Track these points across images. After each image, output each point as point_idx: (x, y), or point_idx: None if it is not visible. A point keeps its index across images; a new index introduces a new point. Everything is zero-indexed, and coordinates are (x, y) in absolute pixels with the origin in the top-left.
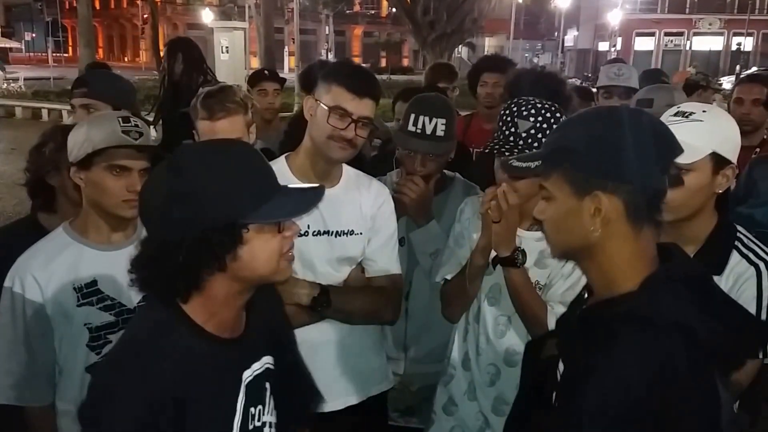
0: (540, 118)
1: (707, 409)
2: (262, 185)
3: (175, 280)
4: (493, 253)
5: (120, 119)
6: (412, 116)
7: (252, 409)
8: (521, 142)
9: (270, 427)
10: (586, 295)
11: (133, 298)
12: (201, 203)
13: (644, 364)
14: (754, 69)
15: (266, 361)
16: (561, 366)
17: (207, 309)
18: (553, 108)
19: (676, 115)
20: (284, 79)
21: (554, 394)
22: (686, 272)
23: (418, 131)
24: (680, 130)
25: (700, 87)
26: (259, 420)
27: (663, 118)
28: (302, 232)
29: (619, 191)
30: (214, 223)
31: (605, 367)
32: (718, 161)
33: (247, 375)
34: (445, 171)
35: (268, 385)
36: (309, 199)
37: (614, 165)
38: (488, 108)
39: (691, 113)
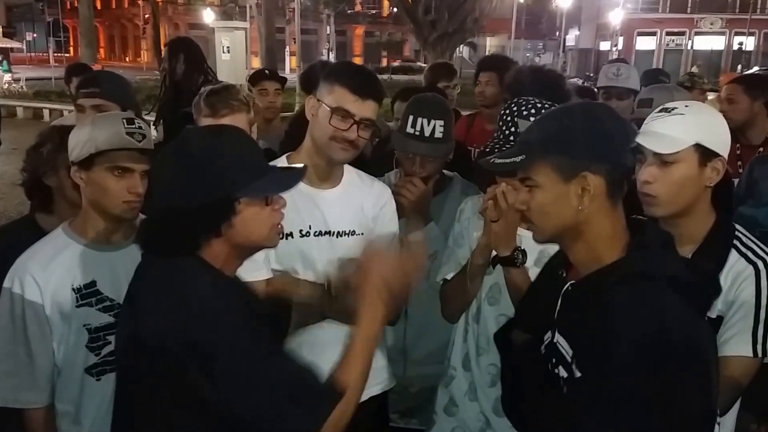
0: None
1: (703, 348)
2: (254, 165)
3: (176, 242)
4: (494, 253)
5: (125, 120)
6: (411, 118)
7: None
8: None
9: None
10: (564, 274)
11: None
12: (202, 179)
13: (656, 315)
14: (755, 68)
15: None
16: (563, 342)
17: (217, 263)
18: (552, 108)
19: (660, 111)
20: (285, 79)
21: (562, 368)
22: (656, 233)
23: (417, 133)
24: (662, 124)
25: (685, 88)
26: None
27: (649, 116)
28: (304, 233)
29: (601, 171)
30: (212, 196)
31: (626, 325)
32: (704, 153)
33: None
34: (444, 171)
35: None
36: (292, 178)
37: (596, 149)
38: (484, 107)
39: (673, 109)
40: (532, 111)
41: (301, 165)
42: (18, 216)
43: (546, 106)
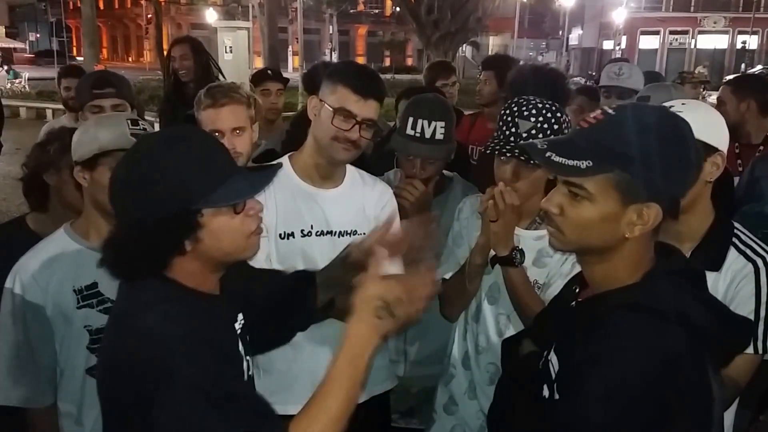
0: (541, 118)
1: (703, 397)
2: (214, 171)
3: (139, 263)
4: (492, 253)
5: (129, 121)
6: (411, 120)
7: (247, 358)
8: (522, 143)
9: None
10: (577, 289)
11: None
12: (153, 190)
13: (652, 350)
14: (759, 67)
15: (240, 318)
16: (554, 360)
17: (187, 279)
18: (554, 108)
19: None
20: (287, 79)
21: (546, 387)
22: (683, 267)
23: (417, 135)
24: None
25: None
26: (249, 370)
27: None
28: (306, 232)
29: (666, 203)
30: (167, 210)
31: (615, 355)
32: (703, 148)
33: (237, 326)
34: (443, 171)
35: (248, 338)
36: (261, 179)
37: (674, 179)
38: (483, 106)
39: (671, 107)
40: (533, 111)
41: (276, 162)
42: None
43: (547, 105)
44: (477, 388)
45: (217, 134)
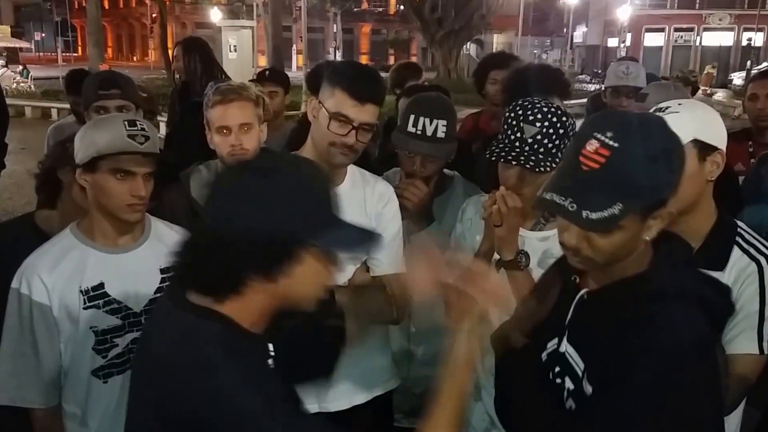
0: (546, 123)
1: (719, 373)
2: (328, 211)
3: (217, 276)
4: (497, 257)
5: (126, 122)
6: (412, 117)
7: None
8: (527, 148)
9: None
10: (576, 280)
11: (140, 301)
12: (271, 210)
13: (690, 338)
14: (765, 64)
15: (271, 348)
16: (572, 352)
17: (242, 314)
18: (559, 111)
19: (653, 111)
20: (287, 82)
21: (569, 380)
22: (677, 246)
23: (418, 132)
24: None
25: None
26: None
27: None
28: None
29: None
30: (274, 233)
31: (657, 346)
32: (702, 148)
33: (270, 363)
34: (444, 170)
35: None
36: (365, 240)
37: (679, 179)
38: (497, 106)
39: (667, 107)
40: (538, 116)
41: (371, 231)
42: None
43: (552, 109)
44: (482, 389)
45: (224, 130)
